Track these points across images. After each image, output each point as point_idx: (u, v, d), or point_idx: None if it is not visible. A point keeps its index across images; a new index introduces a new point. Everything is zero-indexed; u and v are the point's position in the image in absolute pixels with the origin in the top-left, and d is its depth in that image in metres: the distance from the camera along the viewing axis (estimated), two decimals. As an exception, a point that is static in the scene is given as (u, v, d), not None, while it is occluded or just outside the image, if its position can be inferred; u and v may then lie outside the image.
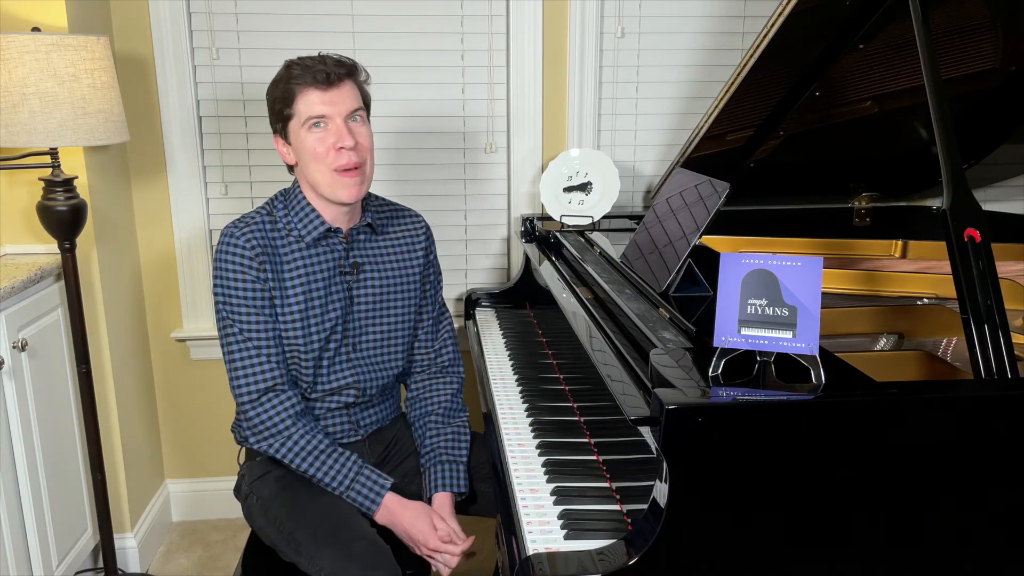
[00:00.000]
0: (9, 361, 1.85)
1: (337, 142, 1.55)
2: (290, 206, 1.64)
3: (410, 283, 1.75)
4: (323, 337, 1.64)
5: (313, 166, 1.58)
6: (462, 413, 1.79)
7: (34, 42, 1.77)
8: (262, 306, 1.59)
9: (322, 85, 1.55)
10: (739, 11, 2.51)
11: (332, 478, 1.59)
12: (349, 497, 1.59)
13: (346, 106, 1.57)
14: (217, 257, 1.59)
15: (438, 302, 1.84)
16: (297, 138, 1.58)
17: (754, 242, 2.27)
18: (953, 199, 1.28)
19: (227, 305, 1.58)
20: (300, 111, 1.56)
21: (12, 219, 2.10)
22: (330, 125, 1.56)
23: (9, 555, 1.86)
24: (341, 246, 1.66)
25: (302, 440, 1.59)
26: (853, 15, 1.74)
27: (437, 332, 1.83)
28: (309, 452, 1.59)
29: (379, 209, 1.76)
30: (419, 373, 1.82)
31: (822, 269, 1.13)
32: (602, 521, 1.26)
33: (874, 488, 1.09)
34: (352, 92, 1.59)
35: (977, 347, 1.19)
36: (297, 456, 1.59)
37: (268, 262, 1.59)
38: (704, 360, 1.19)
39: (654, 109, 2.57)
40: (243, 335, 1.58)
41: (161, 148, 2.43)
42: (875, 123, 2.10)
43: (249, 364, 1.58)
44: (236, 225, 1.60)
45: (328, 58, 1.58)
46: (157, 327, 2.56)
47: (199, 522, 2.68)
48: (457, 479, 1.67)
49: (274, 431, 1.59)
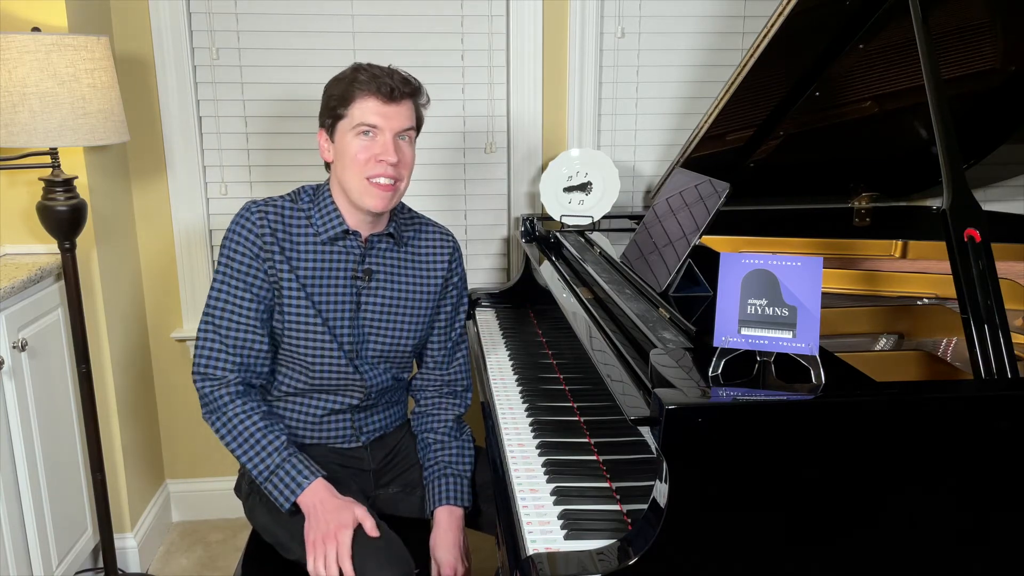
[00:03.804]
0: (9, 361, 1.85)
1: (380, 155, 1.55)
2: (317, 201, 1.64)
3: (424, 299, 1.71)
4: (327, 335, 1.62)
5: (350, 170, 1.57)
6: (467, 430, 1.76)
7: (34, 42, 1.77)
8: (249, 285, 1.58)
9: (384, 97, 1.54)
10: (739, 11, 2.51)
11: (255, 466, 1.54)
12: (266, 489, 1.55)
13: (400, 123, 1.57)
14: (229, 228, 1.60)
15: (458, 324, 1.80)
16: (343, 139, 1.58)
17: (754, 242, 2.27)
18: (953, 199, 1.28)
19: (221, 275, 1.59)
20: (354, 115, 1.55)
21: (12, 219, 2.10)
22: (379, 137, 1.56)
23: (9, 555, 1.86)
24: (358, 250, 1.65)
25: (235, 419, 1.56)
26: (853, 15, 1.74)
27: (453, 357, 1.80)
28: (239, 433, 1.55)
29: (407, 221, 1.74)
30: (429, 391, 1.80)
31: (822, 269, 1.13)
32: (602, 521, 1.26)
33: (874, 488, 1.09)
34: (409, 112, 1.59)
35: (977, 347, 1.19)
36: (229, 434, 1.56)
37: (277, 244, 1.59)
38: (704, 360, 1.19)
39: (654, 109, 2.57)
40: (220, 310, 1.58)
41: (161, 148, 2.43)
42: (875, 123, 2.10)
43: (214, 337, 1.58)
44: (256, 203, 1.61)
45: (396, 73, 1.58)
46: (157, 327, 2.56)
47: (199, 522, 2.69)
48: (461, 493, 1.65)
49: (213, 406, 1.57)
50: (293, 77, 2.44)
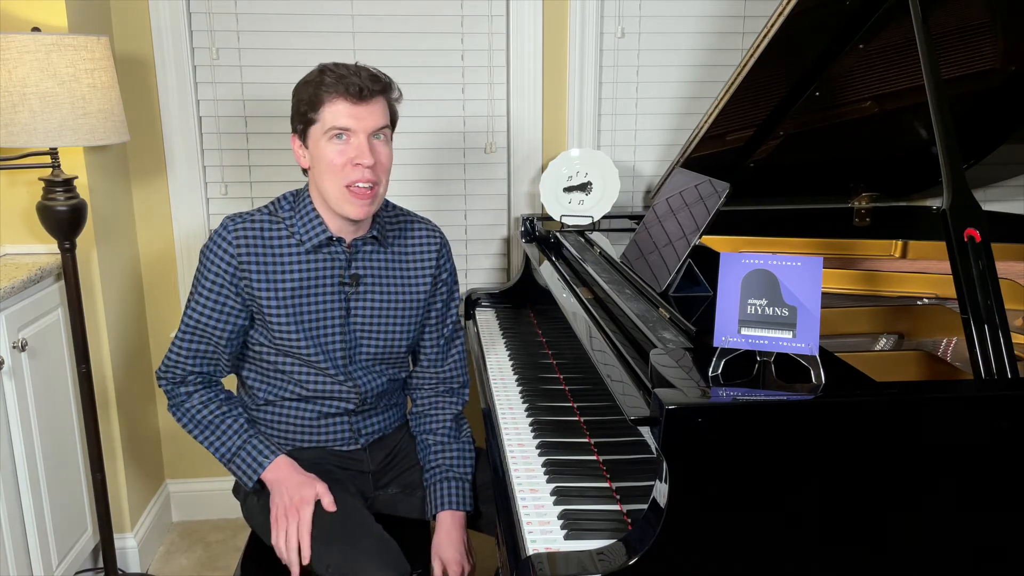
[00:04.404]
0: (9, 361, 1.85)
1: (356, 158, 1.51)
2: (297, 208, 1.61)
3: (414, 299, 1.69)
4: (314, 344, 1.61)
5: (327, 176, 1.53)
6: (467, 430, 1.75)
7: (34, 42, 1.77)
8: (218, 304, 1.58)
9: (352, 98, 1.49)
10: (739, 11, 2.51)
11: (216, 448, 1.62)
12: (231, 471, 1.62)
13: (373, 123, 1.52)
14: (206, 243, 1.59)
15: (451, 320, 1.78)
16: (316, 145, 1.54)
17: (754, 242, 2.27)
18: (953, 199, 1.28)
19: (194, 288, 1.60)
20: (325, 119, 1.51)
21: (12, 219, 2.10)
22: (352, 139, 1.51)
23: (9, 555, 1.86)
24: (343, 256, 1.62)
25: (194, 409, 1.62)
26: (853, 15, 1.74)
27: (448, 352, 1.79)
28: (199, 421, 1.62)
29: (391, 220, 1.70)
30: (426, 389, 1.78)
31: (822, 269, 1.13)
32: (602, 521, 1.26)
33: (874, 488, 1.09)
34: (381, 109, 1.54)
35: (977, 347, 1.19)
36: (191, 422, 1.63)
37: (255, 262, 1.56)
38: (704, 360, 1.19)
39: (654, 109, 2.57)
40: (192, 323, 1.60)
41: (161, 148, 2.43)
42: (875, 123, 2.10)
43: (180, 347, 1.62)
44: (233, 219, 1.58)
45: (364, 70, 1.52)
46: (157, 327, 2.56)
47: (199, 522, 2.69)
48: (463, 497, 1.64)
49: (175, 401, 1.65)
50: (293, 77, 2.38)
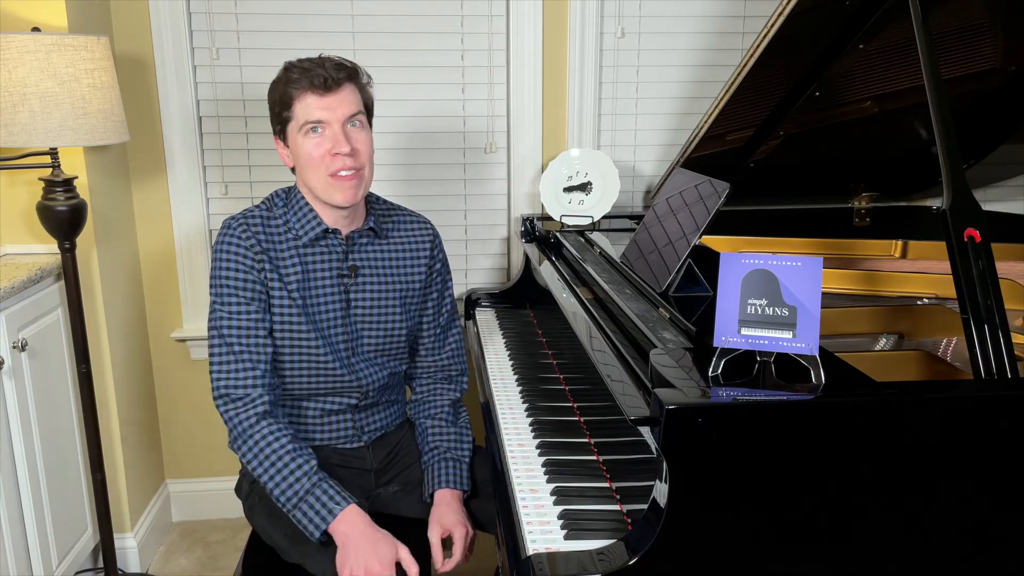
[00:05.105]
0: (9, 361, 1.85)
1: (334, 147, 1.52)
2: (290, 205, 1.62)
3: (411, 289, 1.71)
4: (320, 337, 1.62)
5: (310, 170, 1.55)
6: (464, 416, 1.78)
7: (34, 42, 1.77)
8: (251, 299, 1.55)
9: (319, 90, 1.51)
10: (739, 11, 2.51)
11: (283, 491, 1.49)
12: (294, 518, 1.50)
13: (344, 111, 1.53)
14: (215, 248, 1.58)
15: (446, 309, 1.79)
16: (295, 142, 1.56)
17: (754, 242, 2.27)
18: (953, 199, 1.28)
19: (219, 296, 1.56)
20: (297, 115, 1.53)
21: (12, 219, 2.10)
22: (327, 131, 1.53)
23: (9, 555, 1.86)
24: (340, 248, 1.63)
25: (262, 442, 1.51)
26: (853, 15, 1.74)
27: (444, 341, 1.80)
28: (267, 456, 1.50)
29: (384, 213, 1.73)
30: (424, 378, 1.80)
31: (822, 269, 1.13)
32: (602, 521, 1.26)
33: (874, 488, 1.09)
34: (352, 96, 1.55)
35: (977, 347, 1.19)
36: (255, 458, 1.51)
37: (265, 254, 1.57)
38: (704, 360, 1.19)
39: (654, 109, 2.57)
40: (228, 330, 1.54)
41: (161, 148, 2.43)
42: (875, 123, 2.10)
43: (228, 357, 1.54)
44: (235, 218, 1.59)
45: (328, 60, 1.54)
46: (157, 327, 2.56)
47: (199, 522, 2.68)
48: (460, 476, 1.66)
49: (238, 430, 1.53)
50: (293, 77, 2.43)
